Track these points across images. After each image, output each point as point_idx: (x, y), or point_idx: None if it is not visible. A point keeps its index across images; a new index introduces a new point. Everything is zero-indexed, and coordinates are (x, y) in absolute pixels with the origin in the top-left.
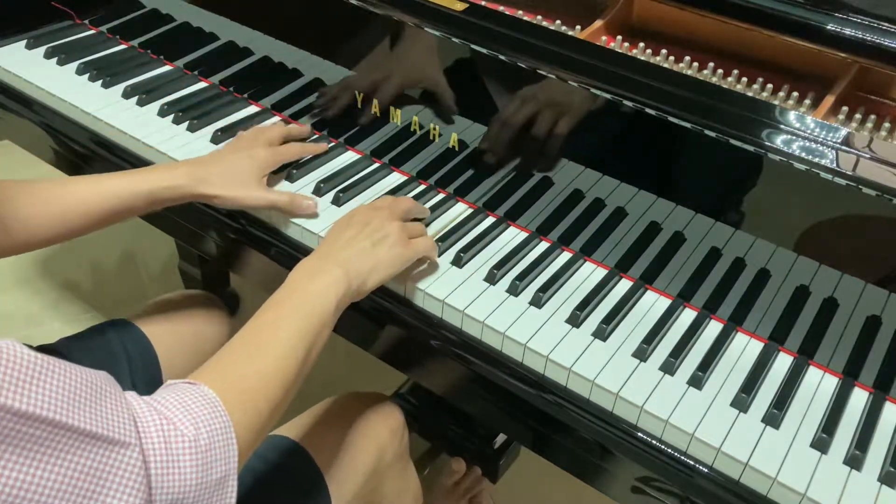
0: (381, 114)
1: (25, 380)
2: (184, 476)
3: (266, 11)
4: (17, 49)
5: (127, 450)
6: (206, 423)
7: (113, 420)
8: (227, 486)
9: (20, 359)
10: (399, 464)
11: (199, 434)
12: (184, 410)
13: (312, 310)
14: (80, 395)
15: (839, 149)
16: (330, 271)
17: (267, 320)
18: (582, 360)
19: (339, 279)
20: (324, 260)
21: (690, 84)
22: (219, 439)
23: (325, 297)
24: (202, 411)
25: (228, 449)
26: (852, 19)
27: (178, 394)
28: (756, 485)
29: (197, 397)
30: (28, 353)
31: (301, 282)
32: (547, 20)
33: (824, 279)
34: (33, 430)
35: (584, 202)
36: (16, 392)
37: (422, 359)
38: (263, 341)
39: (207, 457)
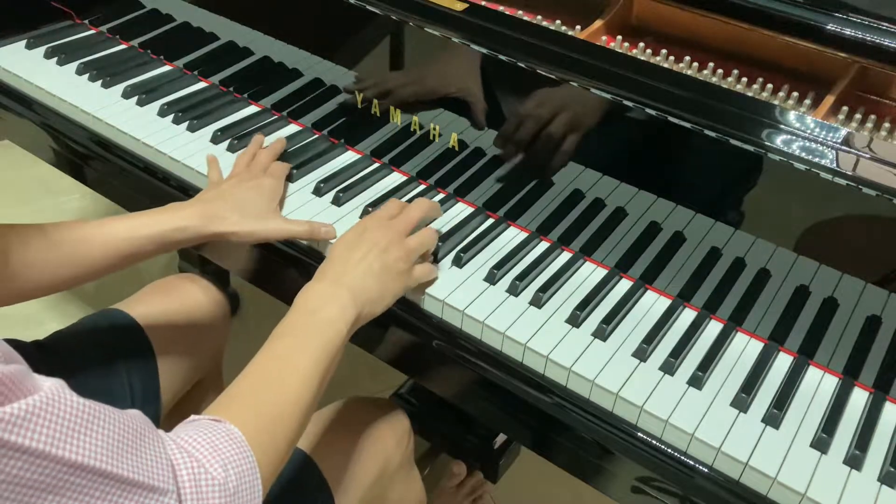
0: (381, 114)
1: (75, 429)
2: None
3: (266, 11)
4: (17, 49)
5: (165, 496)
6: (234, 464)
7: (153, 467)
8: None
9: (69, 408)
10: (404, 470)
11: (227, 477)
12: (213, 451)
13: (325, 338)
14: (124, 442)
15: (839, 149)
16: (340, 298)
17: (282, 350)
18: (582, 360)
19: (348, 307)
20: (334, 286)
21: (690, 84)
22: (246, 481)
23: (336, 326)
24: (230, 452)
25: (254, 489)
26: (852, 19)
27: (206, 433)
28: (756, 485)
29: (224, 437)
30: (76, 400)
31: (312, 309)
32: (547, 20)
33: (824, 279)
34: (82, 479)
35: (584, 202)
36: (66, 442)
37: (422, 359)
38: (281, 373)
39: (235, 500)
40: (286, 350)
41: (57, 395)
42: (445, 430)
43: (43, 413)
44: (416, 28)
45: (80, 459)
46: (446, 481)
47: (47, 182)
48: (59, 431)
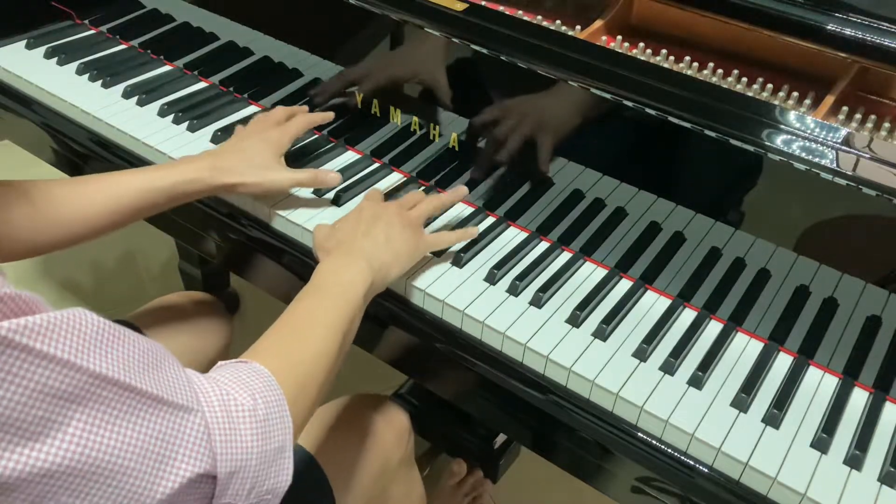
0: (381, 114)
1: (98, 343)
2: (245, 444)
3: (266, 11)
4: (17, 49)
5: (191, 415)
6: (262, 394)
7: (177, 386)
8: (285, 457)
9: (91, 325)
10: (404, 468)
11: (256, 404)
12: (240, 383)
13: (344, 299)
14: (147, 361)
15: (839, 149)
16: (355, 263)
17: (305, 308)
18: (582, 360)
19: (364, 270)
20: (347, 255)
21: (690, 84)
22: (275, 410)
23: (354, 288)
24: (258, 384)
25: (284, 420)
26: (852, 19)
27: (233, 370)
28: (756, 485)
29: (251, 372)
30: (97, 319)
31: (330, 275)
32: (547, 20)
33: (824, 279)
34: (107, 392)
35: (584, 202)
36: (89, 354)
37: (422, 359)
38: (306, 325)
39: (266, 426)
40: (309, 307)
41: (79, 312)
42: (445, 430)
43: (66, 326)
44: (416, 28)
45: (104, 371)
46: (446, 480)
47: None
48: (82, 344)
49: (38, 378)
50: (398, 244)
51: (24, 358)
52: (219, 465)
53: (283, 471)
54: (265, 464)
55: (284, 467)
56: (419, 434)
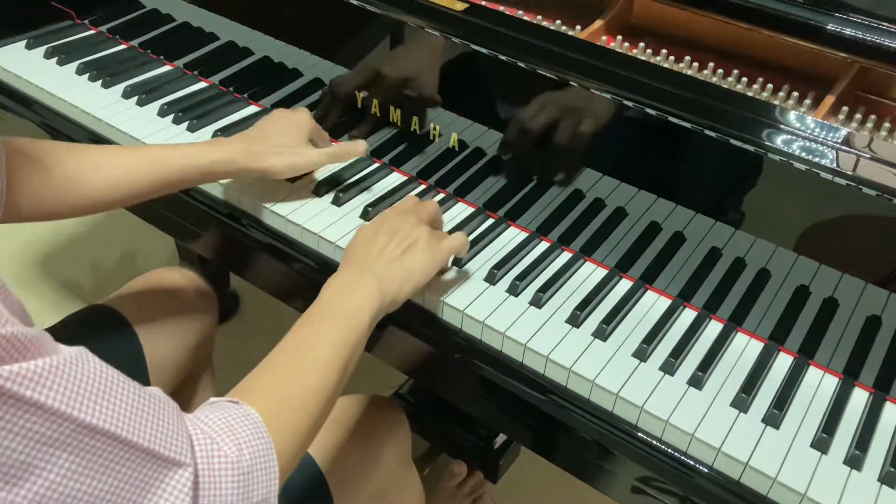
0: (381, 114)
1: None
2: (224, 497)
3: (266, 11)
4: (17, 49)
5: (181, 469)
6: (248, 444)
7: (172, 439)
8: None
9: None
10: (402, 468)
11: (241, 456)
12: (227, 430)
13: (349, 326)
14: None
15: (839, 149)
16: (364, 286)
17: (305, 338)
18: (582, 360)
19: (373, 294)
20: (357, 273)
21: (690, 84)
22: (261, 461)
23: (360, 314)
24: (245, 432)
25: (270, 471)
26: (852, 19)
27: (222, 413)
28: (756, 485)
29: (240, 417)
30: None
31: (336, 298)
32: (547, 20)
33: (824, 279)
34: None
35: (584, 202)
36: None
37: (422, 359)
38: (303, 360)
39: (249, 479)
40: (308, 338)
41: (78, 357)
42: (445, 430)
43: (62, 373)
44: (416, 28)
45: (97, 423)
46: (446, 481)
47: None
48: (78, 393)
49: (24, 423)
50: (412, 264)
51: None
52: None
53: None
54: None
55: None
56: (419, 434)
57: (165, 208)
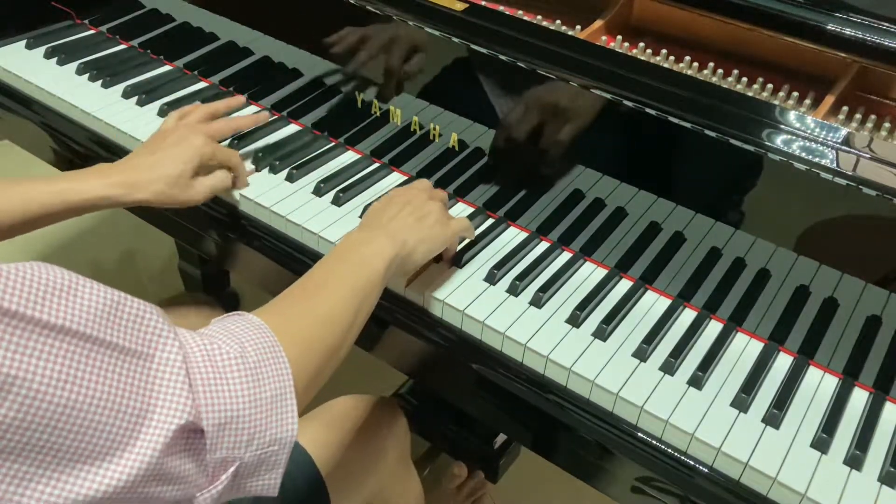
0: (381, 114)
1: (54, 294)
2: (233, 392)
3: (266, 11)
4: (17, 49)
5: (167, 365)
6: (251, 342)
7: (151, 336)
8: (286, 407)
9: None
10: (401, 469)
11: (245, 351)
12: (227, 333)
13: (362, 271)
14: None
15: (839, 149)
16: (377, 239)
17: (320, 273)
18: (582, 360)
19: (386, 246)
20: (371, 230)
21: (690, 84)
22: (268, 356)
23: (373, 262)
24: (246, 333)
25: (280, 366)
26: (852, 19)
27: (222, 322)
28: (756, 485)
29: (240, 322)
30: (57, 269)
31: (350, 248)
32: (547, 20)
33: (824, 279)
34: (65, 343)
35: (584, 202)
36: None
37: (422, 359)
38: (317, 289)
39: (257, 373)
40: (324, 273)
41: (35, 265)
42: (445, 430)
43: (20, 277)
44: (417, 28)
45: (62, 323)
46: (447, 483)
47: None
48: (38, 295)
49: None
50: (426, 229)
51: None
52: (204, 417)
53: (287, 419)
54: (261, 412)
55: (288, 416)
56: (419, 434)
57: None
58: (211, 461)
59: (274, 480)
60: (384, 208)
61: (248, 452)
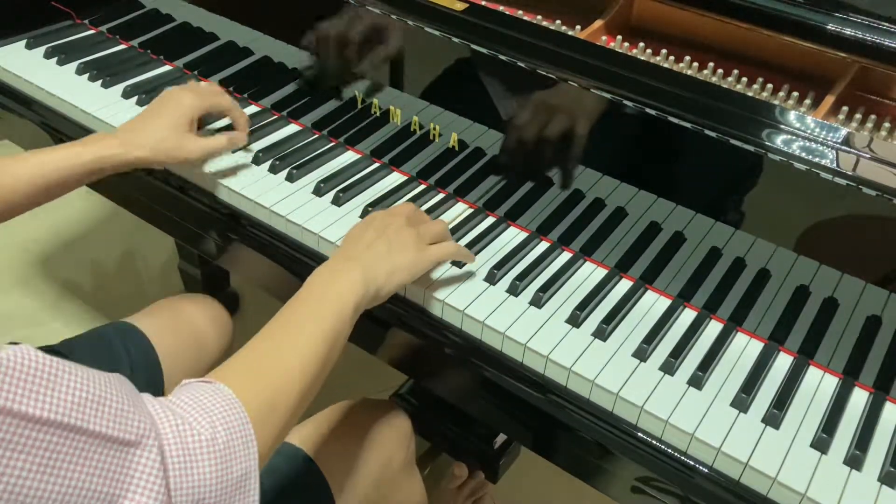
0: (381, 114)
1: (38, 384)
2: (203, 475)
3: (266, 11)
4: (17, 49)
5: (145, 451)
6: (222, 420)
7: (130, 421)
8: (249, 484)
9: (33, 363)
10: (405, 472)
11: (216, 432)
12: (199, 409)
13: (331, 311)
14: (96, 397)
15: (839, 149)
16: (348, 273)
17: (287, 321)
18: (582, 360)
19: (356, 281)
20: (344, 263)
21: (690, 84)
22: (237, 436)
23: (343, 299)
24: (217, 408)
25: (248, 446)
26: (852, 19)
27: (193, 392)
28: (756, 485)
29: (212, 395)
30: (40, 357)
31: (321, 284)
32: (547, 20)
33: (824, 279)
34: (48, 435)
35: (584, 202)
36: (25, 397)
37: (422, 359)
38: (283, 341)
39: (226, 454)
40: (290, 322)
41: (19, 353)
42: (445, 430)
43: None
44: (417, 28)
45: (41, 414)
46: (447, 483)
47: None
48: (19, 387)
49: None
50: (399, 259)
51: None
52: (176, 500)
53: (250, 497)
54: (227, 492)
55: (250, 493)
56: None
57: (165, 208)
58: None
59: None
60: (362, 233)
61: None
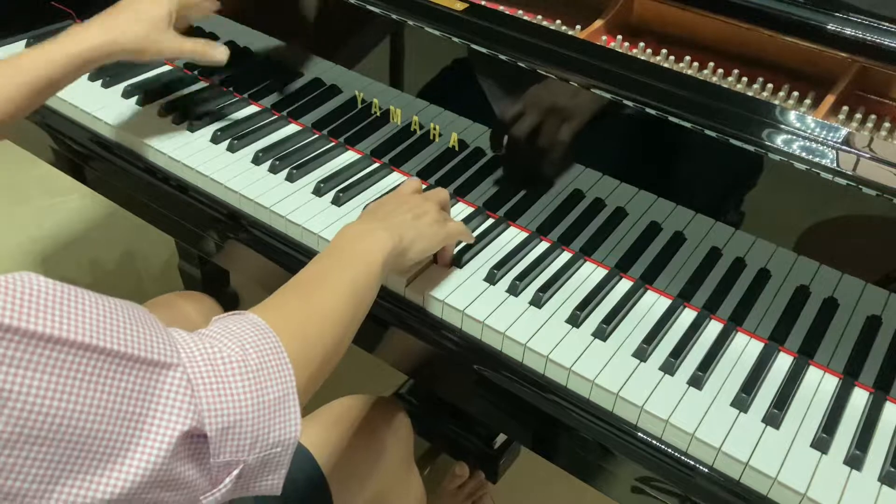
0: (381, 114)
1: (49, 305)
2: (236, 396)
3: (266, 11)
4: (17, 49)
5: (169, 370)
6: (254, 343)
7: (151, 342)
8: (289, 407)
9: (43, 286)
10: (404, 470)
11: (247, 354)
12: (228, 335)
13: (360, 265)
14: (115, 319)
15: (839, 149)
16: (375, 232)
17: (317, 269)
18: (582, 360)
19: (384, 238)
20: (368, 223)
21: (690, 84)
22: (270, 358)
23: (371, 255)
24: (249, 334)
25: (282, 368)
26: (852, 19)
27: (222, 323)
28: (756, 485)
29: (242, 323)
30: (50, 283)
31: (349, 239)
32: (547, 20)
33: (824, 279)
34: (69, 356)
35: (584, 202)
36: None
37: (422, 359)
38: (314, 285)
39: (259, 376)
40: (321, 268)
41: (25, 277)
42: (445, 430)
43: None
44: (416, 28)
45: (57, 333)
46: (448, 482)
47: (47, 182)
48: (24, 307)
49: None
50: (423, 226)
51: None
52: (207, 422)
53: (291, 421)
54: (265, 415)
55: (291, 417)
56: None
57: (165, 208)
58: (214, 465)
59: (278, 480)
60: (382, 204)
61: (252, 455)
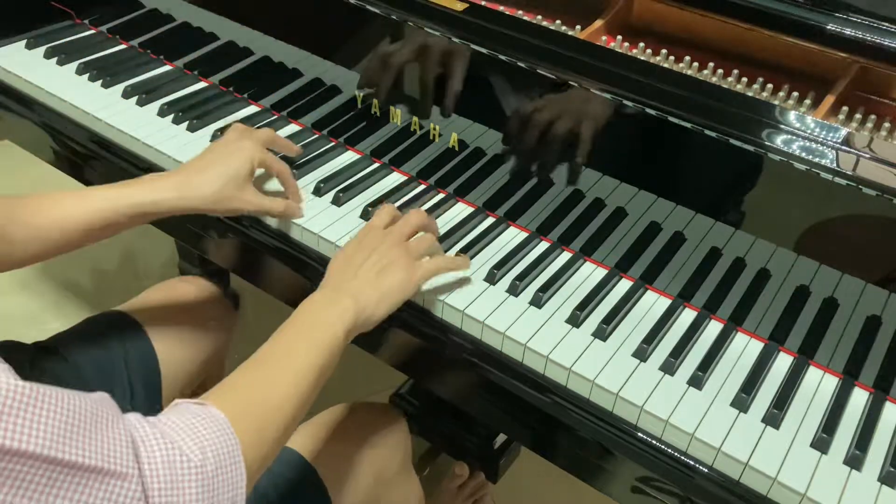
0: (381, 114)
1: (14, 413)
2: (188, 501)
3: (266, 11)
4: (17, 49)
5: (125, 481)
6: (213, 446)
7: (110, 450)
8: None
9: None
10: (402, 475)
11: (205, 459)
12: (190, 433)
13: (322, 340)
14: (74, 425)
15: (839, 149)
16: (339, 302)
17: (278, 348)
18: (582, 360)
19: (347, 309)
20: (334, 292)
21: (690, 84)
22: (226, 464)
23: (334, 328)
24: (209, 434)
25: (236, 473)
26: (852, 19)
27: (186, 415)
28: (756, 485)
29: (204, 419)
30: (15, 384)
31: (311, 313)
32: (547, 20)
33: (824, 279)
34: (25, 467)
35: (584, 202)
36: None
37: (422, 359)
38: (275, 369)
39: (214, 482)
40: (282, 348)
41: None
42: (445, 430)
43: None
44: (416, 28)
45: (16, 446)
46: (448, 482)
47: (47, 182)
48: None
49: None
50: (389, 282)
51: None
52: None
53: None
54: None
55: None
56: (419, 434)
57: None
58: None
59: None
60: (348, 262)
61: None
